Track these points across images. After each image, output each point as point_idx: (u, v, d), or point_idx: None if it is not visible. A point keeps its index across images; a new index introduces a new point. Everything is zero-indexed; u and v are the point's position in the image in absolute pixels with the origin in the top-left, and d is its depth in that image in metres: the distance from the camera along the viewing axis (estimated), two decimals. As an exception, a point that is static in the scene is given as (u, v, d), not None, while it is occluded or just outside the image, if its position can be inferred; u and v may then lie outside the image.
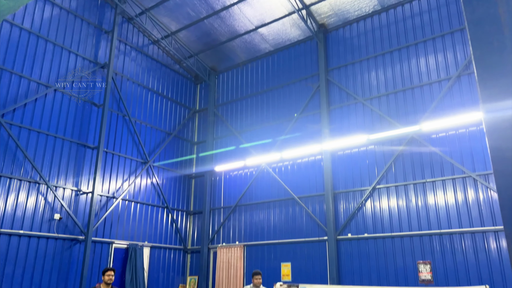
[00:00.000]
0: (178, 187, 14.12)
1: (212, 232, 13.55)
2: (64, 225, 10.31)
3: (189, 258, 13.81)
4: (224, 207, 13.61)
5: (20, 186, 9.66)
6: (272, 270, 11.59)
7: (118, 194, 11.86)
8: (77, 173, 10.94)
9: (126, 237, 11.86)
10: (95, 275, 10.73)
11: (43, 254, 9.73)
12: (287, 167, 12.52)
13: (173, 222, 13.52)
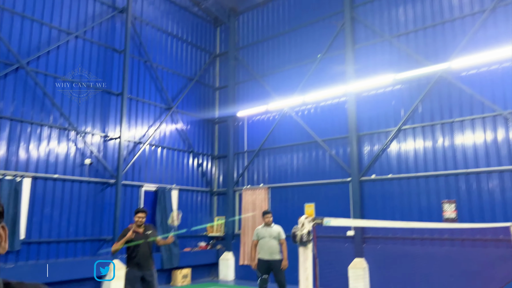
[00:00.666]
0: (202, 132, 14.31)
1: (236, 175, 13.86)
2: (95, 170, 10.72)
3: (215, 200, 14.29)
4: (247, 151, 13.79)
5: (51, 133, 9.97)
6: (296, 210, 11.88)
7: (145, 140, 12.13)
8: (104, 119, 11.17)
9: (155, 181, 12.29)
10: (127, 216, 11.29)
11: (77, 196, 10.24)
12: (310, 111, 12.41)
13: (199, 166, 13.86)
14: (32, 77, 9.54)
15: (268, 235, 7.86)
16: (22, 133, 9.40)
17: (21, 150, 9.34)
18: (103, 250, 10.42)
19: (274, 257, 7.64)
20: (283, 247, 7.80)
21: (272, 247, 7.74)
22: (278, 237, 7.81)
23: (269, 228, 7.97)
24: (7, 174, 8.88)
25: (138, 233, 6.30)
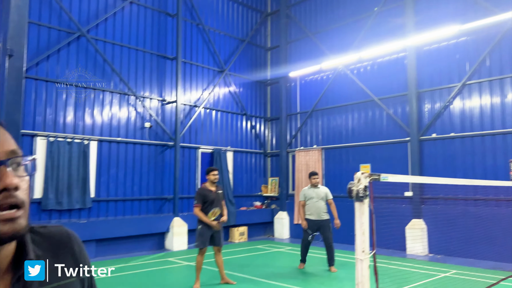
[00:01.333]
0: (255, 95, 14.33)
1: (289, 137, 13.86)
2: (154, 133, 11.20)
3: (269, 161, 14.47)
4: (300, 113, 13.66)
5: (112, 98, 10.48)
6: (350, 171, 11.69)
7: (200, 103, 12.40)
8: (160, 84, 11.51)
9: (211, 143, 12.63)
10: (186, 176, 11.81)
11: (139, 158, 10.82)
12: (366, 68, 11.93)
13: (252, 128, 14.00)
14: (93, 45, 9.95)
15: (316, 196, 7.99)
16: (87, 99, 9.96)
17: (86, 115, 9.93)
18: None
19: (322, 217, 7.96)
20: (332, 207, 8.03)
21: (320, 207, 7.95)
22: (325, 198, 8.05)
23: (317, 189, 8.09)
24: (76, 138, 9.53)
25: (212, 192, 6.62)
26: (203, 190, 6.68)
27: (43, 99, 9.19)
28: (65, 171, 9.24)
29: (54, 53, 9.42)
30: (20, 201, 0.76)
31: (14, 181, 0.75)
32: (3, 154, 0.76)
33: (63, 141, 9.32)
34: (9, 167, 0.76)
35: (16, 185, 0.75)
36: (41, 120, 9.13)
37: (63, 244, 0.93)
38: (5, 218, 0.73)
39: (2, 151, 0.77)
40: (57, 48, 9.39)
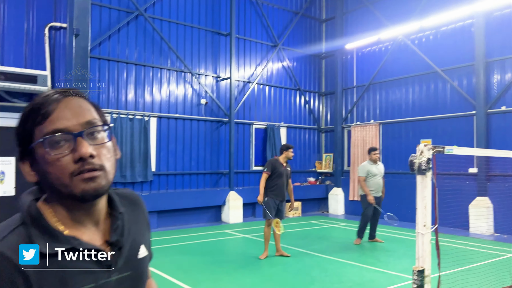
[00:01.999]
0: (309, 69, 14.07)
1: (345, 112, 13.53)
2: (210, 109, 11.42)
3: (323, 137, 14.28)
4: (357, 86, 13.24)
5: (170, 75, 10.78)
6: (410, 147, 11.27)
7: (253, 79, 12.41)
8: (215, 60, 11.64)
9: (264, 119, 12.67)
10: (241, 151, 12.01)
11: (196, 133, 11.13)
12: (429, 38, 11.22)
13: (306, 104, 13.82)
14: (150, 23, 10.22)
15: (378, 173, 7.84)
16: (146, 77, 10.33)
17: (146, 92, 10.32)
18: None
19: (380, 194, 7.85)
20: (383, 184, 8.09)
21: (381, 184, 7.86)
22: (383, 174, 7.95)
23: (378, 166, 7.93)
24: (137, 114, 9.97)
25: (282, 166, 6.76)
26: (276, 161, 6.92)
27: (106, 78, 9.66)
28: (127, 146, 9.75)
29: (115, 32, 9.80)
30: (97, 166, 0.87)
31: (88, 151, 0.86)
32: (79, 126, 0.87)
33: (125, 117, 9.79)
34: (85, 137, 0.87)
35: (90, 154, 0.86)
36: (105, 98, 9.63)
37: (136, 203, 1.09)
38: (85, 178, 0.86)
39: (78, 123, 0.88)
40: (117, 28, 9.76)
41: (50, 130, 0.86)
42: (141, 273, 1.00)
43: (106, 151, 0.91)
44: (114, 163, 0.94)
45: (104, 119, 0.96)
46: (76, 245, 0.86)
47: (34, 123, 0.87)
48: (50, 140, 0.85)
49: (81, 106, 0.90)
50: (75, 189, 0.85)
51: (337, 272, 6.10)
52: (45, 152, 0.86)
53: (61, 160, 0.85)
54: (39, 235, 0.84)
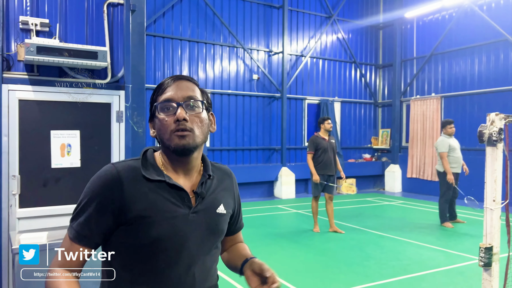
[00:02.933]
0: (365, 40, 13.48)
1: (404, 85, 12.89)
2: (262, 84, 11.36)
3: (380, 112, 13.75)
4: (417, 58, 12.51)
5: (222, 51, 10.81)
6: (475, 122, 10.56)
7: (306, 52, 12.12)
8: (267, 34, 11.48)
9: (317, 93, 12.40)
10: (293, 127, 11.90)
11: (248, 109, 11.16)
12: (499, 2, 10.26)
13: (362, 77, 13.32)
14: (203, -1, 10.25)
15: (458, 147, 7.33)
16: (199, 53, 10.44)
17: (200, 69, 10.46)
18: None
19: (461, 170, 7.38)
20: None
21: (461, 159, 7.30)
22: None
23: (455, 140, 7.40)
24: (191, 91, 10.15)
25: (325, 140, 6.65)
26: (316, 138, 6.76)
27: (161, 55, 9.89)
28: (183, 122, 9.99)
29: (169, 9, 9.94)
30: (188, 128, 1.17)
31: (182, 115, 1.16)
32: (182, 98, 1.20)
33: (180, 94, 10.00)
34: (184, 107, 1.19)
35: (183, 117, 1.16)
36: (160, 75, 9.89)
37: (228, 175, 1.40)
38: (178, 135, 1.17)
39: (181, 97, 1.20)
40: (171, 4, 9.89)
41: (163, 99, 1.20)
42: (217, 224, 1.27)
43: (198, 120, 1.21)
44: (205, 131, 1.23)
45: (205, 99, 1.27)
46: (168, 180, 1.18)
47: (157, 94, 1.23)
48: (161, 106, 1.20)
49: (188, 86, 1.23)
50: (171, 143, 1.17)
51: (394, 250, 5.93)
52: (159, 114, 1.20)
53: (166, 120, 1.18)
54: (147, 166, 1.20)
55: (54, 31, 3.64)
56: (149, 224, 1.12)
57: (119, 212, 1.13)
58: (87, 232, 1.14)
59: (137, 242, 1.13)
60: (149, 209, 1.13)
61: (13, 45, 3.50)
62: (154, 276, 1.15)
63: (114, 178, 1.14)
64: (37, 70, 3.59)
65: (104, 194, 1.13)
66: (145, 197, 1.14)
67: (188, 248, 1.18)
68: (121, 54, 4.09)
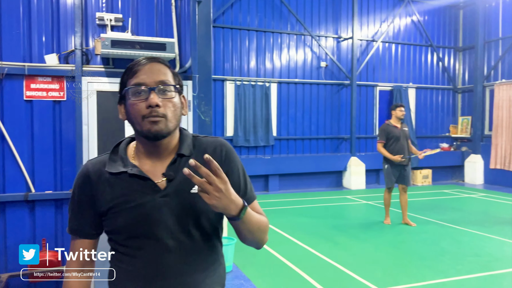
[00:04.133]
0: (443, 21, 12.54)
1: (487, 68, 11.82)
2: (330, 72, 11.10)
3: (459, 98, 12.77)
4: (502, 38, 11.39)
5: (289, 40, 10.72)
6: None
7: (378, 37, 11.59)
8: (336, 20, 11.16)
9: (390, 80, 11.83)
10: (363, 115, 11.49)
11: (316, 98, 10.98)
12: None
13: (439, 61, 12.45)
14: (269, -12, 10.22)
15: None
16: (266, 43, 10.46)
17: (267, 59, 10.48)
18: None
19: None
20: None
21: None
22: None
23: None
24: (258, 81, 10.23)
25: (397, 128, 6.37)
26: (387, 126, 6.44)
27: (230, 47, 10.07)
28: (250, 112, 10.12)
29: (237, 0, 10.06)
30: (160, 114, 1.15)
31: (155, 101, 1.14)
32: (154, 83, 1.16)
33: (248, 84, 10.14)
34: (156, 92, 1.15)
35: (156, 103, 1.14)
36: (229, 67, 10.08)
37: (214, 149, 1.28)
38: (150, 121, 1.14)
39: (153, 81, 1.16)
40: (238, -5, 10.01)
41: (134, 83, 1.17)
42: (192, 205, 1.19)
43: (171, 105, 1.18)
44: (177, 115, 1.20)
45: (177, 82, 1.23)
46: (129, 171, 1.19)
47: (128, 77, 1.19)
48: (132, 90, 1.17)
49: (159, 69, 1.19)
50: (143, 128, 1.15)
51: (472, 245, 5.51)
52: (129, 98, 1.17)
53: (138, 104, 1.16)
54: (115, 159, 1.24)
55: (127, 25, 3.85)
56: (116, 213, 1.19)
57: (94, 205, 1.22)
58: (76, 224, 1.26)
59: (111, 230, 1.22)
60: (115, 199, 1.18)
61: (91, 40, 3.77)
62: (133, 260, 1.20)
63: (84, 176, 1.24)
64: (112, 63, 3.83)
65: (79, 191, 1.25)
66: (111, 189, 1.20)
67: (159, 232, 1.17)
68: (188, 45, 4.22)
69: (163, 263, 1.18)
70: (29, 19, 3.62)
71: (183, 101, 1.27)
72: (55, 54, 3.68)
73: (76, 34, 3.67)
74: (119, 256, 1.23)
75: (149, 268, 1.18)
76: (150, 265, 1.18)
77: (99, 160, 1.26)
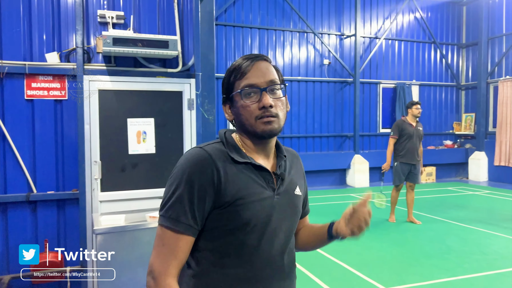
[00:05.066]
0: (446, 18, 12.44)
1: (491, 65, 11.73)
2: (333, 69, 11.03)
3: (463, 95, 12.69)
4: (506, 34, 11.30)
5: (292, 37, 10.65)
6: None
7: (381, 34, 11.51)
8: (339, 17, 11.08)
9: (393, 77, 11.76)
10: (366, 112, 11.43)
11: (319, 96, 10.91)
12: None
13: (442, 58, 12.36)
14: (271, -15, 10.14)
15: None
16: (269, 41, 10.39)
17: (269, 56, 10.38)
18: None
19: None
20: None
21: None
22: None
23: None
24: (260, 78, 10.16)
25: (411, 126, 6.29)
26: (403, 123, 6.35)
27: (232, 44, 10.01)
28: (253, 110, 10.06)
29: (238, -2, 10.01)
30: (273, 113, 1.16)
31: (269, 102, 1.15)
32: (264, 83, 1.17)
33: (250, 82, 10.08)
34: (268, 92, 1.17)
35: (270, 104, 1.15)
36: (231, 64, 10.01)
37: (296, 156, 1.41)
38: (265, 121, 1.16)
39: (264, 81, 1.17)
40: (240, -7, 9.94)
41: (245, 84, 1.17)
42: (296, 206, 1.27)
43: (280, 104, 1.20)
44: (285, 113, 1.23)
45: (282, 79, 1.24)
46: (253, 162, 1.18)
47: (235, 78, 1.20)
48: (244, 92, 1.17)
49: (267, 68, 1.20)
50: (257, 129, 1.16)
51: (478, 243, 5.46)
52: (240, 100, 1.18)
53: (250, 106, 1.16)
54: (230, 148, 1.18)
55: (129, 23, 3.80)
56: (242, 206, 1.11)
57: (217, 195, 1.11)
58: (192, 220, 1.10)
59: (229, 225, 1.12)
60: (242, 191, 1.12)
61: (92, 38, 3.72)
62: (246, 258, 1.13)
63: (209, 161, 1.12)
64: (114, 61, 3.78)
65: (202, 178, 1.10)
66: (237, 178, 1.13)
67: (275, 229, 1.18)
68: (191, 43, 4.17)
69: (276, 263, 1.19)
70: (29, 17, 3.57)
71: (286, 98, 1.28)
72: (56, 52, 3.63)
73: (77, 32, 3.62)
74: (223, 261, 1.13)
75: (267, 269, 1.16)
76: (268, 266, 1.16)
77: (215, 147, 1.17)
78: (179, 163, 1.15)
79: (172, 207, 1.10)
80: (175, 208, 1.09)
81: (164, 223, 1.10)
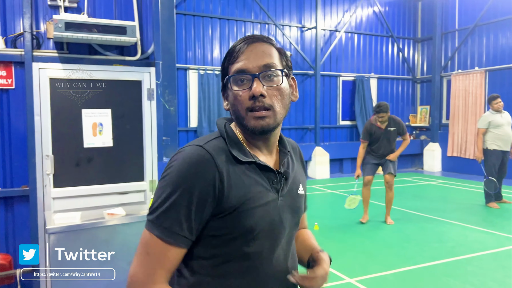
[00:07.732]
0: (403, 13, 12.78)
1: (444, 59, 12.20)
2: (294, 62, 11.04)
3: (418, 88, 13.14)
4: (459, 30, 11.77)
5: (253, 28, 10.54)
6: (524, 96, 9.88)
7: (341, 27, 11.64)
8: (299, 9, 11.08)
9: (352, 70, 11.95)
10: (327, 105, 11.56)
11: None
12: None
13: (399, 51, 12.71)
14: (232, -25, 9.96)
15: (506, 123, 6.87)
16: (230, 32, 10.22)
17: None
18: None
19: (509, 147, 6.90)
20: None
21: (510, 135, 6.84)
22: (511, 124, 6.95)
23: (503, 114, 6.94)
24: (215, 70, 10.00)
25: (380, 129, 6.17)
26: (369, 124, 6.09)
27: (192, 34, 9.75)
28: (215, 102, 9.89)
29: (199, -13, 9.75)
30: (266, 105, 0.99)
31: (258, 90, 0.98)
32: (257, 68, 1.00)
33: (211, 73, 9.89)
34: (260, 79, 0.99)
35: (260, 93, 0.98)
36: (192, 55, 9.78)
37: (296, 149, 1.25)
38: (255, 116, 0.99)
39: (257, 66, 1.00)
40: (201, -18, 9.68)
41: (236, 69, 1.01)
42: (299, 207, 1.14)
43: (278, 93, 1.02)
44: (286, 104, 1.05)
45: (285, 64, 1.08)
46: (257, 161, 1.03)
47: (229, 62, 1.05)
48: (234, 78, 1.02)
49: (264, 51, 1.02)
50: (247, 123, 1.00)
51: (436, 231, 5.65)
52: (231, 87, 1.03)
53: (240, 95, 1.00)
54: (233, 146, 1.02)
55: (82, 7, 3.55)
56: (245, 213, 0.98)
57: (218, 202, 0.96)
58: (187, 231, 0.94)
59: (230, 233, 0.98)
60: (245, 196, 0.98)
61: (42, 22, 3.44)
62: (248, 266, 1.01)
63: (210, 163, 0.96)
64: (66, 48, 3.52)
65: (202, 184, 0.94)
66: (241, 182, 0.99)
67: (278, 234, 1.06)
68: (150, 29, 3.97)
69: (281, 269, 1.07)
70: (-31, -3, 3.24)
71: (293, 83, 1.12)
72: (0, 37, 3.33)
73: (25, 15, 3.33)
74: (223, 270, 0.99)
75: (271, 277, 1.04)
76: (272, 273, 1.05)
77: (216, 145, 1.00)
78: (175, 163, 0.97)
79: (164, 214, 0.94)
80: (168, 216, 0.93)
81: (153, 231, 0.95)
